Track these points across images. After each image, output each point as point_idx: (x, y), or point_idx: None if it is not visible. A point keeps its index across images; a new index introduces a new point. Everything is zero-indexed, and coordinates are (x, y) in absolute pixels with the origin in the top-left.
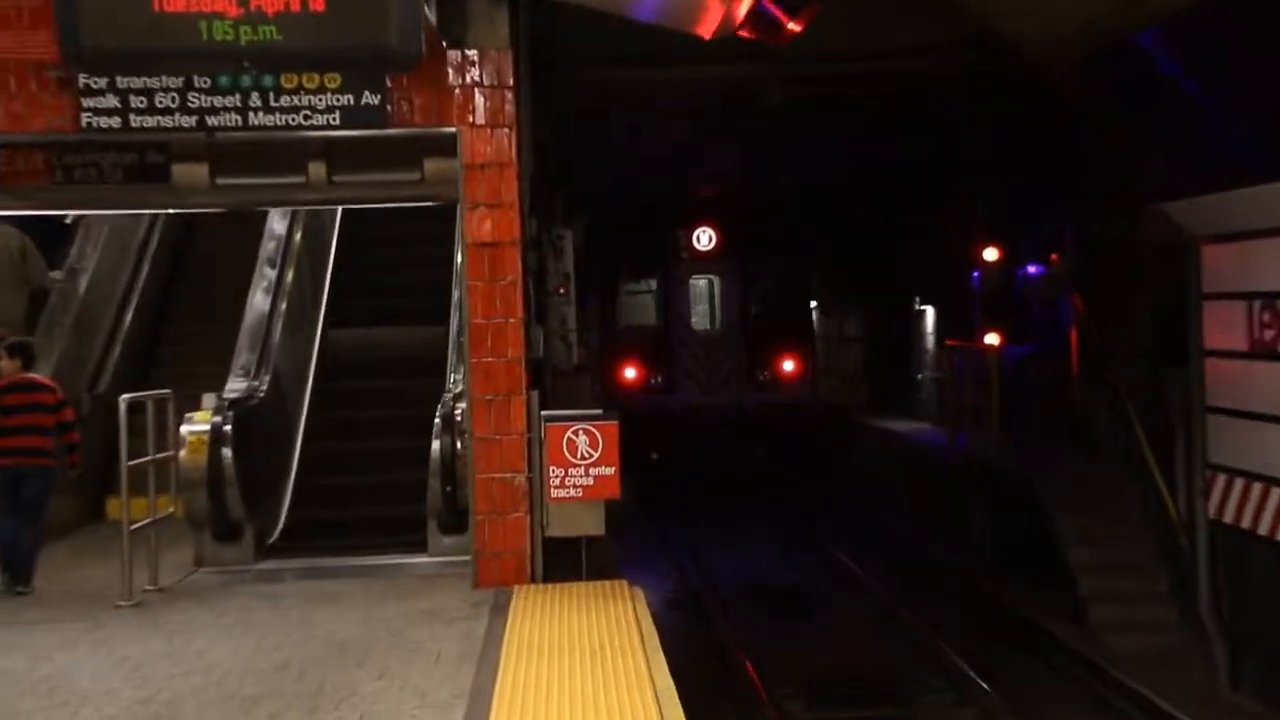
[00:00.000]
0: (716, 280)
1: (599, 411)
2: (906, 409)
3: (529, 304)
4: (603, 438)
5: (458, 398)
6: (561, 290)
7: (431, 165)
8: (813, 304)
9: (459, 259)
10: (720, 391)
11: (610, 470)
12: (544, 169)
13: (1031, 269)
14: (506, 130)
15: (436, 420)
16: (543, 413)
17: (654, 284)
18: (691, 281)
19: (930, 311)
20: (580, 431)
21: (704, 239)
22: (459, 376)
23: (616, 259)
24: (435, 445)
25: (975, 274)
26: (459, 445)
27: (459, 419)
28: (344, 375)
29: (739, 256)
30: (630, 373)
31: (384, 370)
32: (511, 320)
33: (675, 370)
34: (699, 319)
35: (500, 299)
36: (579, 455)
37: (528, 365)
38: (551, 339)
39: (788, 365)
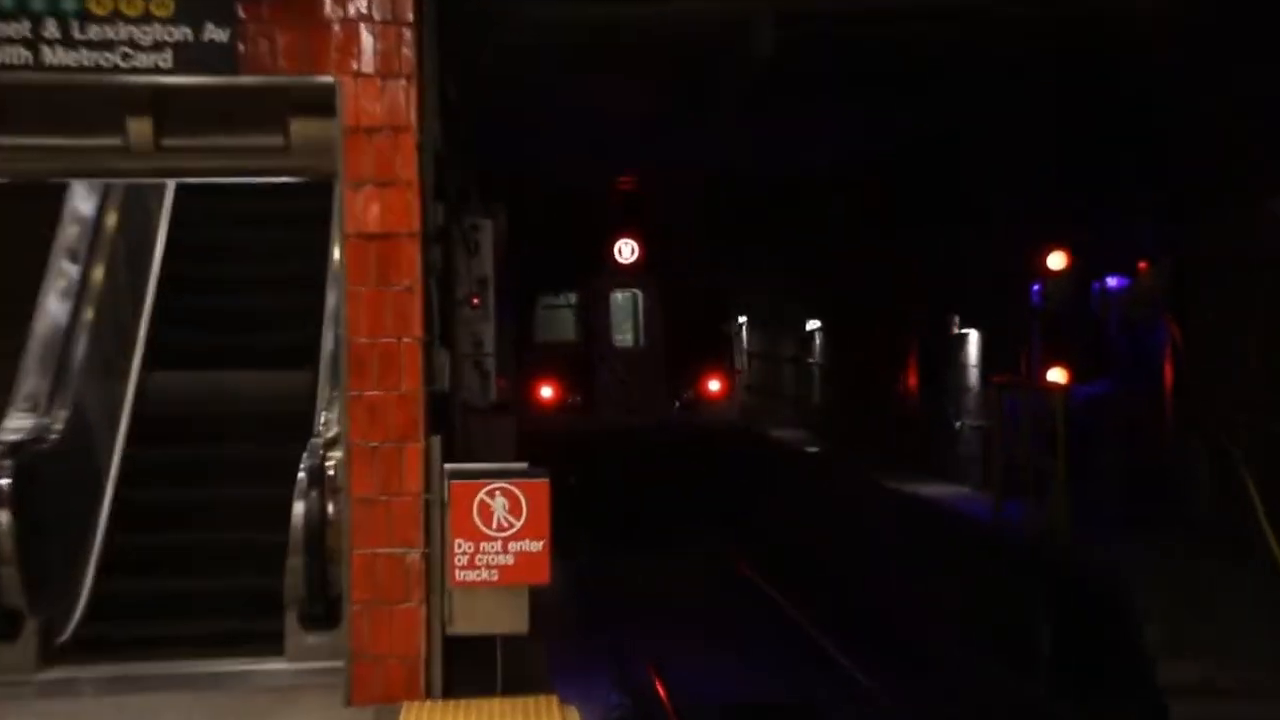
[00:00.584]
0: (640, 295)
1: (524, 466)
2: (939, 467)
3: (431, 318)
4: (528, 501)
5: (331, 444)
6: (475, 300)
7: (300, 127)
8: (813, 324)
9: (335, 255)
10: (643, 412)
11: (538, 545)
12: (455, 138)
13: (1111, 281)
14: (403, 82)
15: (301, 474)
16: (447, 466)
17: (573, 298)
18: (613, 296)
19: (974, 337)
20: (498, 492)
21: (626, 251)
22: (333, 415)
23: (536, 267)
24: (298, 508)
25: (1035, 287)
26: (331, 508)
27: (332, 473)
28: (171, 437)
29: (664, 270)
30: (547, 391)
31: (229, 432)
32: (406, 340)
33: (595, 389)
34: (621, 335)
35: (392, 311)
36: (495, 525)
37: (428, 401)
38: (461, 366)
39: (713, 384)
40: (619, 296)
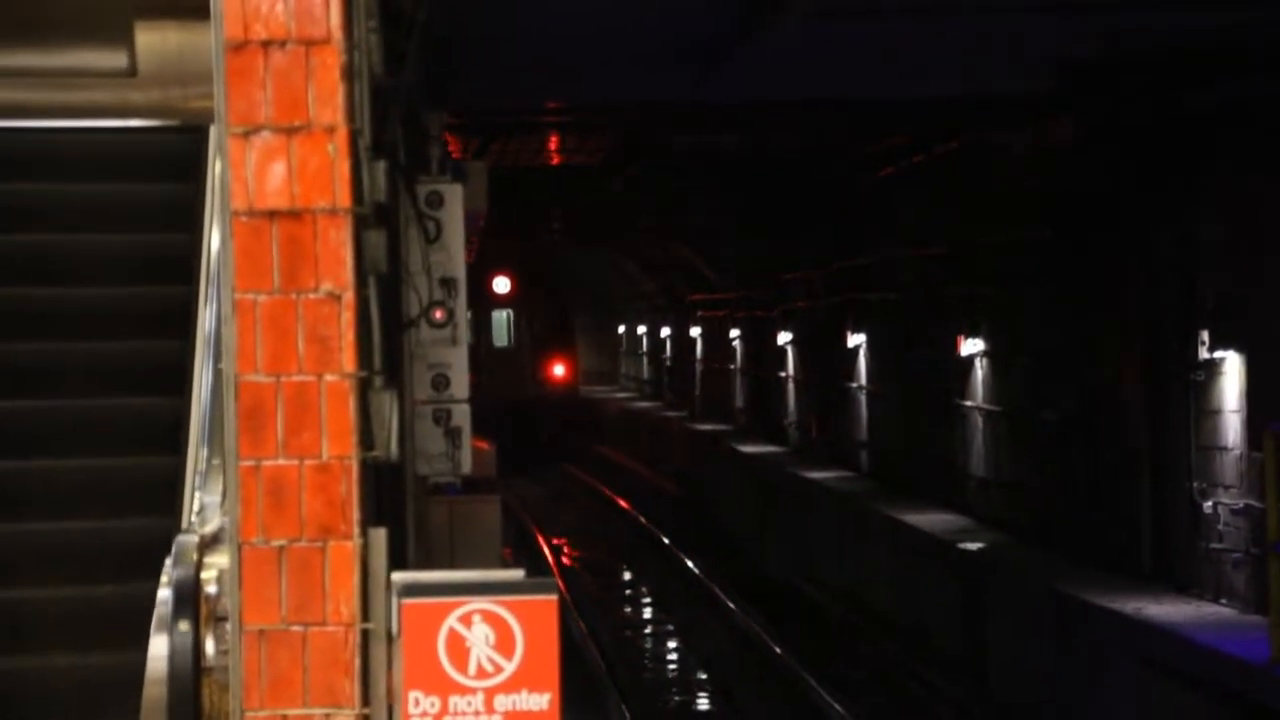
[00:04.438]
0: (511, 312)
1: (518, 574)
2: (1169, 569)
3: (369, 344)
4: (525, 631)
5: (210, 544)
6: (439, 314)
7: (153, 39)
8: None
9: (214, 245)
10: (512, 389)
11: (543, 700)
12: (405, 55)
13: None
14: None
15: (163, 593)
16: (396, 577)
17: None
18: (494, 313)
19: (1234, 364)
20: (478, 617)
21: (501, 285)
22: (213, 498)
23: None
24: (159, 646)
25: None
26: (210, 649)
27: (212, 590)
28: None
29: (526, 296)
30: None
31: None
32: (330, 377)
33: (482, 375)
34: (498, 339)
35: (307, 332)
36: (474, 669)
37: (365, 475)
38: (419, 419)
39: (558, 370)
40: (498, 314)
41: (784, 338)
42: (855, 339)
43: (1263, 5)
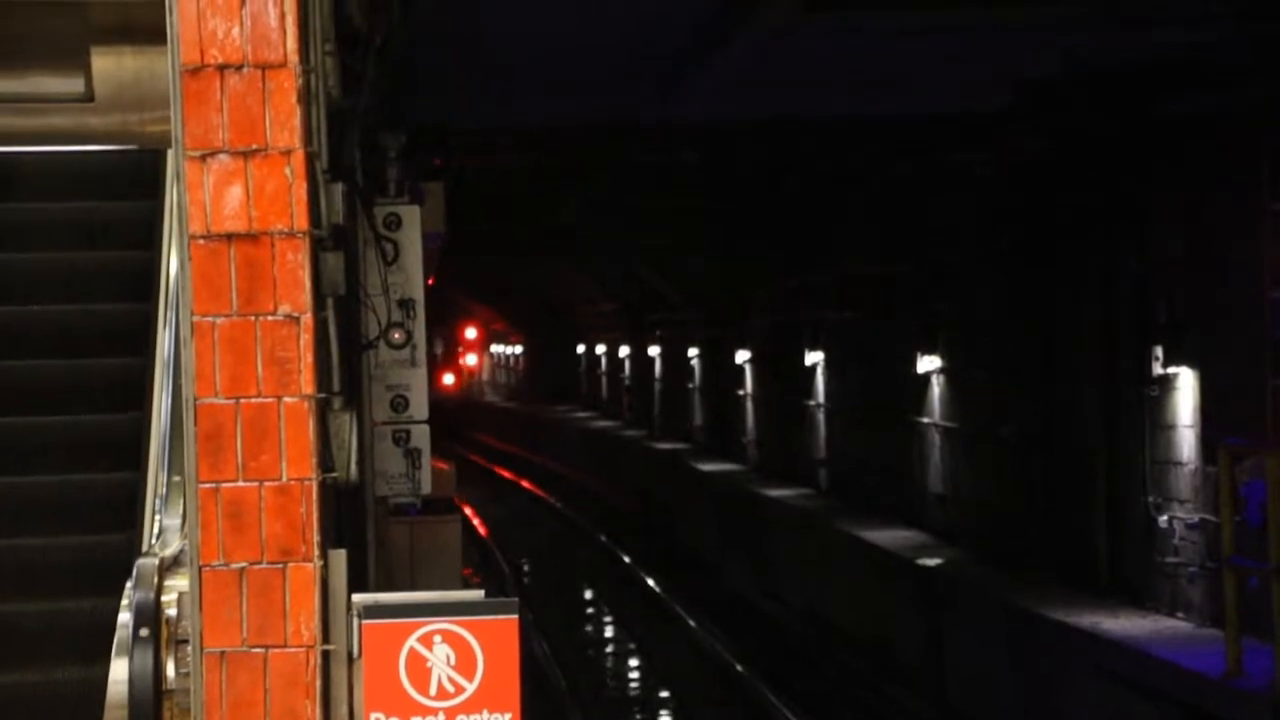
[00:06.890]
0: None
1: (478, 595)
2: (1125, 583)
3: (328, 365)
4: (486, 651)
5: (170, 567)
6: (397, 336)
7: (109, 64)
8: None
9: (171, 268)
10: None
11: None
12: (361, 76)
13: None
14: None
15: (123, 616)
16: (356, 598)
17: None
18: None
19: (1187, 379)
20: (439, 638)
21: None
22: (174, 521)
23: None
24: (119, 670)
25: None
26: (170, 672)
27: (173, 613)
28: None
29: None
30: None
31: None
32: (289, 399)
33: None
34: None
35: (266, 354)
36: (435, 689)
37: (325, 497)
38: (378, 440)
39: (449, 379)
40: None
41: (742, 356)
42: (813, 357)
43: (1215, 27)
